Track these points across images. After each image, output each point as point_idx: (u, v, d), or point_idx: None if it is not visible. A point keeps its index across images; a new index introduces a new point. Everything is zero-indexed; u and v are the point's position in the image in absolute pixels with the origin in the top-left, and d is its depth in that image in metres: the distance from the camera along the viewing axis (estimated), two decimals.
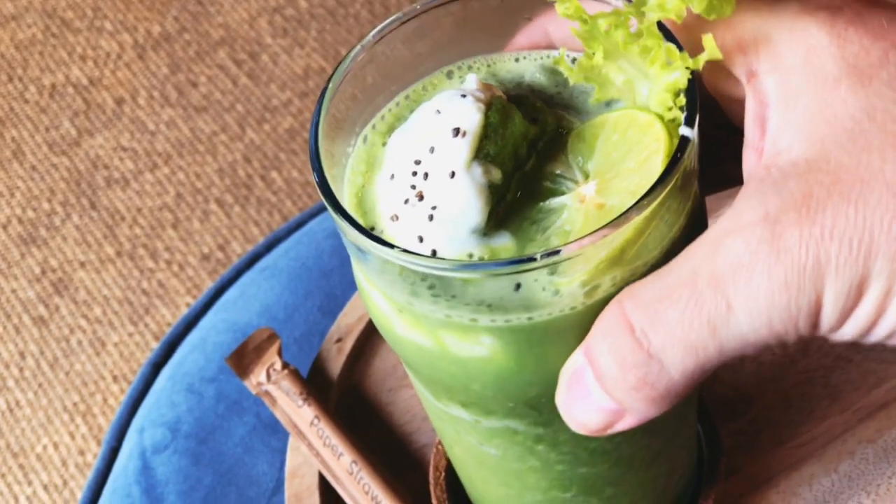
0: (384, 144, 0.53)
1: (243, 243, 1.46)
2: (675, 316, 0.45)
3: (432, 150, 0.49)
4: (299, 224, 0.84)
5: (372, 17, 1.62)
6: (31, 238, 1.50)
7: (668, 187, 0.47)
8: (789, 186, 0.44)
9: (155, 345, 1.38)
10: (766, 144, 0.47)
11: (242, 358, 0.72)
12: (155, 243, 1.47)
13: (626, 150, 0.50)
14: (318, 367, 0.73)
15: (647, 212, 0.46)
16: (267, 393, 0.70)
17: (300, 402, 0.70)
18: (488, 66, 0.57)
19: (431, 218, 0.48)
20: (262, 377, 0.71)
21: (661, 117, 0.50)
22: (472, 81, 0.53)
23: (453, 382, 0.52)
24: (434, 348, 0.50)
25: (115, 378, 1.35)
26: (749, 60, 0.48)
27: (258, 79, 1.62)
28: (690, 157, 0.49)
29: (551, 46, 0.56)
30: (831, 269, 0.44)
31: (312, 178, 1.53)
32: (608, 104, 0.54)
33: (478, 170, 0.49)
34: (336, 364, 0.73)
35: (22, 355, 1.39)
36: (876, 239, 0.43)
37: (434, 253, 0.48)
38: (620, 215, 0.46)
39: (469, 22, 0.56)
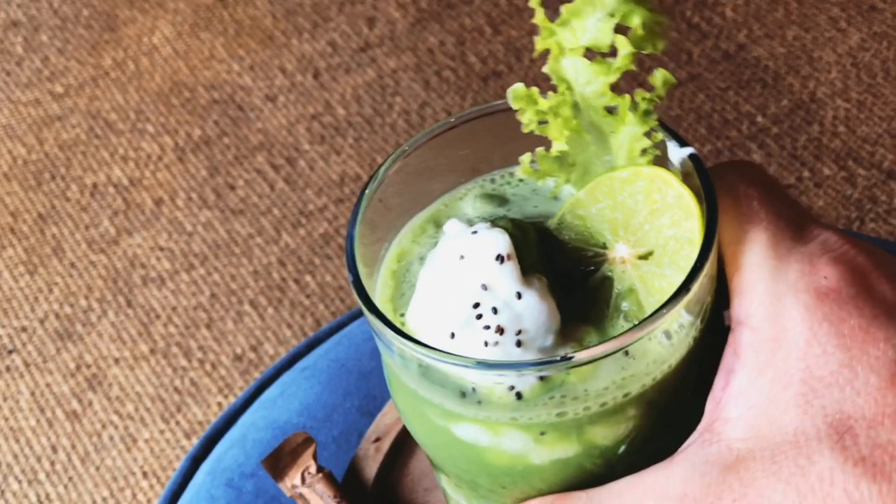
0: (403, 325, 0.54)
1: (276, 345, 1.48)
2: None
3: (485, 287, 0.50)
4: (339, 326, 0.85)
5: (408, 127, 1.65)
6: (68, 334, 1.52)
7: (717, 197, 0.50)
8: (712, 476, 0.48)
9: (185, 442, 1.39)
10: (723, 398, 0.50)
11: (278, 461, 0.73)
12: (189, 342, 1.49)
13: (631, 203, 0.51)
14: (355, 466, 0.74)
15: (719, 224, 0.50)
16: (301, 496, 0.72)
17: None
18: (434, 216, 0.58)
19: (520, 343, 0.49)
20: (297, 480, 0.72)
21: (637, 165, 0.52)
22: (455, 224, 0.54)
23: (595, 469, 0.52)
24: (578, 452, 0.51)
25: (144, 474, 1.36)
26: (743, 308, 0.50)
27: (295, 184, 1.65)
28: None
29: None
30: None
31: (345, 283, 1.55)
32: (556, 198, 0.56)
33: (532, 280, 0.50)
34: (373, 463, 0.74)
35: (54, 449, 1.41)
36: None
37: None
38: (708, 230, 0.48)
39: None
